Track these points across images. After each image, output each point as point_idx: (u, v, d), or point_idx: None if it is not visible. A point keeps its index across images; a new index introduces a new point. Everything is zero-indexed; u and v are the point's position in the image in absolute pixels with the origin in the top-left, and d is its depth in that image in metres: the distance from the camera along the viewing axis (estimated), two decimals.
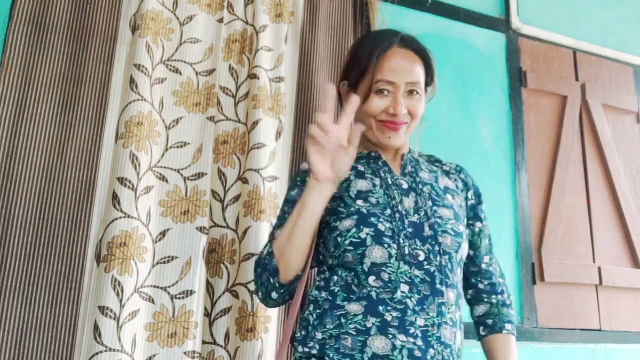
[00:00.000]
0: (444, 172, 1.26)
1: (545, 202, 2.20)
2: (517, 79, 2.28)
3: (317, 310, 1.08)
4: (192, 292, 1.48)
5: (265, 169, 1.61)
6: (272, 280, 1.08)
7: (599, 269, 2.20)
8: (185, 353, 1.44)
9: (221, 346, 1.52)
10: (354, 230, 1.07)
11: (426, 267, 1.06)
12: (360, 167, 1.18)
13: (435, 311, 1.04)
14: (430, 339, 1.02)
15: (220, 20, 1.71)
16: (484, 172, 2.11)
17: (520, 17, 2.35)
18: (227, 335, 1.53)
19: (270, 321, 1.56)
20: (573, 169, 2.29)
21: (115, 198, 1.45)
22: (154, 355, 1.44)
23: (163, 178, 1.56)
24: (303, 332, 1.07)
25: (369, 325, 1.02)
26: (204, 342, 1.51)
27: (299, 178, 1.21)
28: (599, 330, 2.16)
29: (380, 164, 1.18)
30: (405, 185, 1.15)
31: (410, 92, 1.15)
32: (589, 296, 2.18)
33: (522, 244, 2.10)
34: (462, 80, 2.17)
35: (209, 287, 1.56)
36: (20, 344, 1.37)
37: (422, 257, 1.07)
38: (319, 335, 1.05)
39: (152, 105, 1.56)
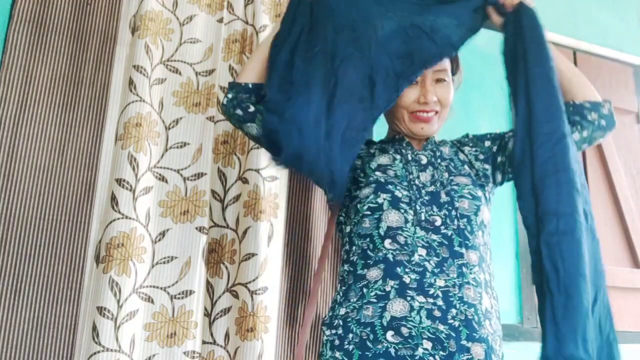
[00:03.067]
0: (460, 149, 1.28)
1: None
2: None
3: (343, 287, 1.11)
4: (191, 292, 1.49)
5: (265, 169, 1.61)
6: (229, 86, 1.20)
7: None
8: (185, 353, 1.44)
9: (221, 346, 1.53)
10: (372, 196, 1.10)
11: (443, 231, 1.08)
12: (385, 146, 1.23)
13: (456, 272, 1.05)
14: (452, 299, 1.03)
15: (220, 21, 1.72)
16: None
17: None
18: (227, 335, 1.54)
19: (271, 321, 1.57)
20: None
21: (113, 199, 1.45)
22: (154, 355, 1.44)
23: (163, 178, 1.56)
24: (330, 313, 1.10)
25: (388, 289, 1.03)
26: (203, 342, 1.51)
27: None
28: None
29: (404, 144, 1.21)
30: (424, 161, 1.18)
31: (438, 80, 1.18)
32: None
33: (522, 244, 2.10)
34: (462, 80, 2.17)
35: (209, 287, 1.56)
36: (21, 345, 1.37)
37: (439, 222, 1.09)
38: (342, 311, 1.07)
39: (151, 106, 1.56)
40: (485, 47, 2.27)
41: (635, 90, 2.53)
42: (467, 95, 2.17)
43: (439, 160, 1.19)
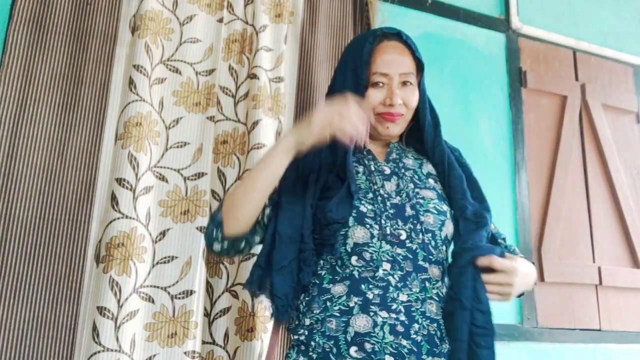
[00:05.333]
0: (430, 160, 1.26)
1: (545, 202, 2.20)
2: (517, 79, 2.28)
3: (307, 298, 1.11)
4: (192, 292, 1.49)
5: None
6: (215, 233, 1.09)
7: (599, 269, 2.20)
8: (185, 353, 1.44)
9: (220, 346, 1.52)
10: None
11: (408, 245, 1.08)
12: None
13: (419, 287, 1.06)
14: (414, 314, 1.03)
15: (220, 20, 1.72)
16: (484, 172, 2.10)
17: (520, 17, 2.35)
18: (226, 335, 1.53)
19: (270, 321, 1.56)
20: (573, 169, 2.29)
21: (113, 199, 1.45)
22: (154, 355, 1.44)
23: (163, 178, 1.56)
24: (296, 322, 1.11)
25: (351, 304, 1.04)
26: (203, 342, 1.51)
27: None
28: (599, 330, 2.16)
29: (364, 152, 1.21)
30: (387, 171, 1.18)
31: (404, 83, 1.17)
32: (589, 296, 2.18)
33: (522, 244, 2.10)
34: (462, 81, 2.17)
35: (209, 287, 1.56)
36: (21, 344, 1.37)
37: (404, 236, 1.08)
38: (307, 322, 1.08)
39: (151, 105, 1.56)
40: (485, 47, 2.28)
41: (635, 90, 2.54)
42: (467, 95, 2.17)
43: (402, 171, 1.19)
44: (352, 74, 1.18)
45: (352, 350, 1.01)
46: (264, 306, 1.54)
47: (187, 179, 1.58)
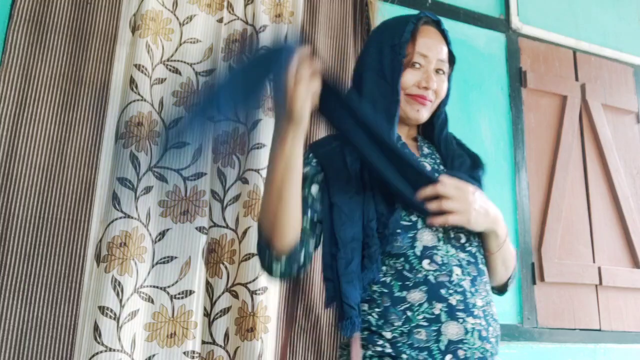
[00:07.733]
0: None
1: (545, 202, 2.20)
2: (517, 79, 2.28)
3: (378, 309, 1.03)
4: (191, 292, 1.49)
5: (265, 169, 1.61)
6: (269, 254, 1.02)
7: (599, 269, 2.20)
8: (184, 353, 1.44)
9: (220, 346, 1.52)
10: (404, 213, 1.05)
11: (468, 248, 1.07)
12: None
13: (485, 290, 1.05)
14: (488, 317, 1.03)
15: (220, 21, 1.71)
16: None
17: (520, 17, 2.35)
18: (226, 335, 1.53)
19: (270, 321, 1.57)
20: (573, 169, 2.29)
21: (115, 198, 1.45)
22: (154, 355, 1.44)
23: (163, 178, 1.56)
24: (366, 333, 1.03)
25: (437, 312, 1.00)
26: (203, 342, 1.51)
27: (312, 155, 1.15)
28: (599, 330, 2.16)
29: (400, 145, 1.15)
30: (429, 168, 1.14)
31: (437, 70, 1.14)
32: (589, 296, 2.18)
33: (522, 244, 2.10)
34: (462, 81, 2.17)
35: (209, 287, 1.56)
36: (20, 344, 1.37)
37: (463, 239, 1.07)
38: (388, 335, 1.01)
39: (152, 105, 1.56)
40: (485, 47, 2.28)
41: (635, 90, 2.54)
42: (467, 95, 2.17)
43: (441, 167, 1.16)
44: (391, 50, 1.13)
45: (447, 358, 0.98)
46: (264, 306, 1.54)
47: (186, 179, 1.58)
